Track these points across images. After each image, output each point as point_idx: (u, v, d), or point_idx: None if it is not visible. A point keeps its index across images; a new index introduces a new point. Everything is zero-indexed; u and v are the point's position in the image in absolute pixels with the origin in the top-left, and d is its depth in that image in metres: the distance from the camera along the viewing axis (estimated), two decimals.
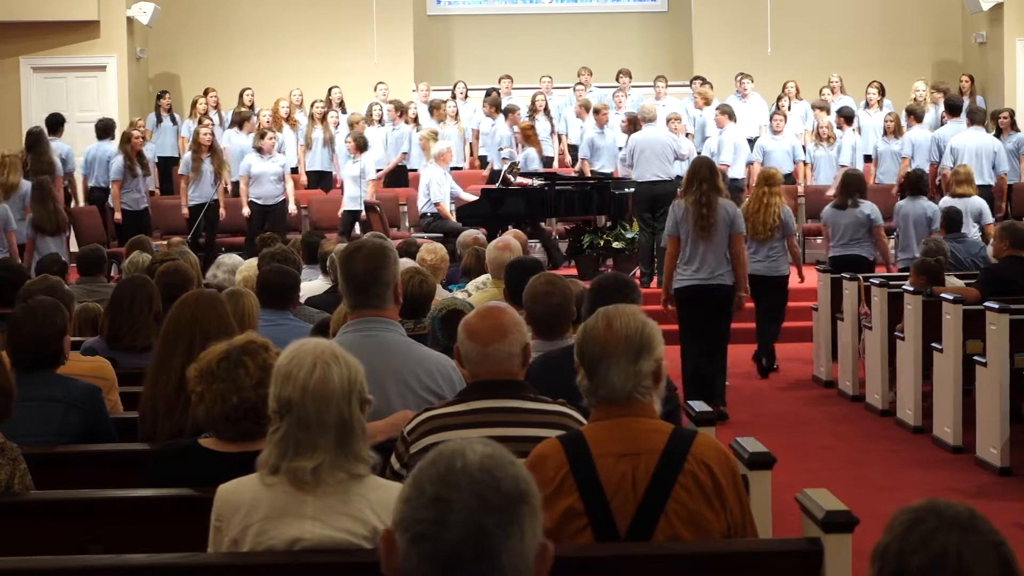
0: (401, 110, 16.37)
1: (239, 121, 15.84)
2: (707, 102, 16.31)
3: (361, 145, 14.80)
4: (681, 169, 13.37)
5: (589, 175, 15.11)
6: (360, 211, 14.67)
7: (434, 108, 16.46)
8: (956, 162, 13.70)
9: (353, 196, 14.72)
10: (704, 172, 9.00)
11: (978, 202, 12.19)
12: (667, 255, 9.18)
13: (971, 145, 14.14)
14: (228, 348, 3.60)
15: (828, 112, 16.19)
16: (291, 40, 18.11)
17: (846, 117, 15.71)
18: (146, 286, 5.91)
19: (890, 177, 15.42)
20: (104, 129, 15.21)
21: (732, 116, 15.15)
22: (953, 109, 15.16)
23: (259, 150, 14.69)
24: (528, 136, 15.23)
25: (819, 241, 14.29)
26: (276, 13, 18.25)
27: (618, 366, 3.18)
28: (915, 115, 15.35)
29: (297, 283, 6.60)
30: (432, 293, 5.84)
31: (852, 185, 11.25)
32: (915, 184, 12.04)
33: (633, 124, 14.15)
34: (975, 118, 14.58)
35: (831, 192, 14.51)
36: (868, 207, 11.21)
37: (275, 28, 18.20)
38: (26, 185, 13.25)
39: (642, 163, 13.03)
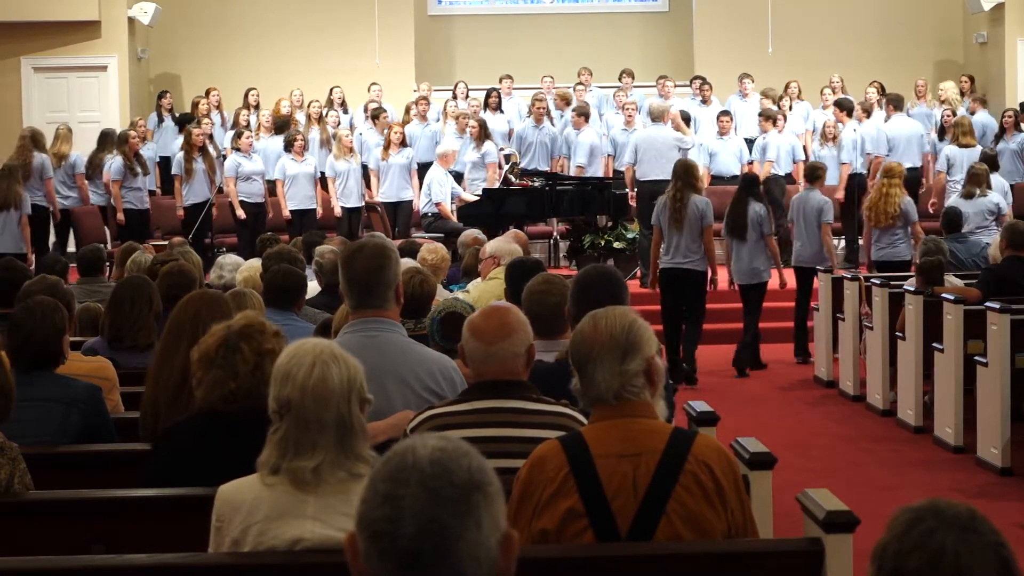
0: (566, 100, 16.27)
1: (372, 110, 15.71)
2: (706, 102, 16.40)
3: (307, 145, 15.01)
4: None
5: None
6: (314, 208, 14.75)
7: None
8: (892, 150, 14.57)
9: (308, 195, 14.83)
10: (680, 171, 10.50)
11: (972, 152, 13.57)
12: (652, 242, 10.80)
13: (904, 132, 14.92)
14: (226, 333, 3.65)
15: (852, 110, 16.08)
16: (292, 40, 18.10)
17: (847, 110, 15.50)
18: (146, 285, 5.91)
19: None
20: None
21: (588, 117, 15.55)
22: (849, 112, 15.40)
23: (238, 150, 14.79)
24: (392, 143, 15.16)
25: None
26: (277, 13, 18.25)
27: (604, 366, 3.16)
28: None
29: (304, 284, 6.60)
30: (433, 293, 5.84)
31: (980, 176, 12.04)
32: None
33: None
34: (898, 105, 15.19)
35: (839, 194, 14.64)
36: (997, 196, 11.93)
37: (276, 28, 18.19)
38: (74, 156, 14.74)
39: (645, 162, 13.08)
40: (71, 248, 14.04)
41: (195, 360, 3.66)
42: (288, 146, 14.99)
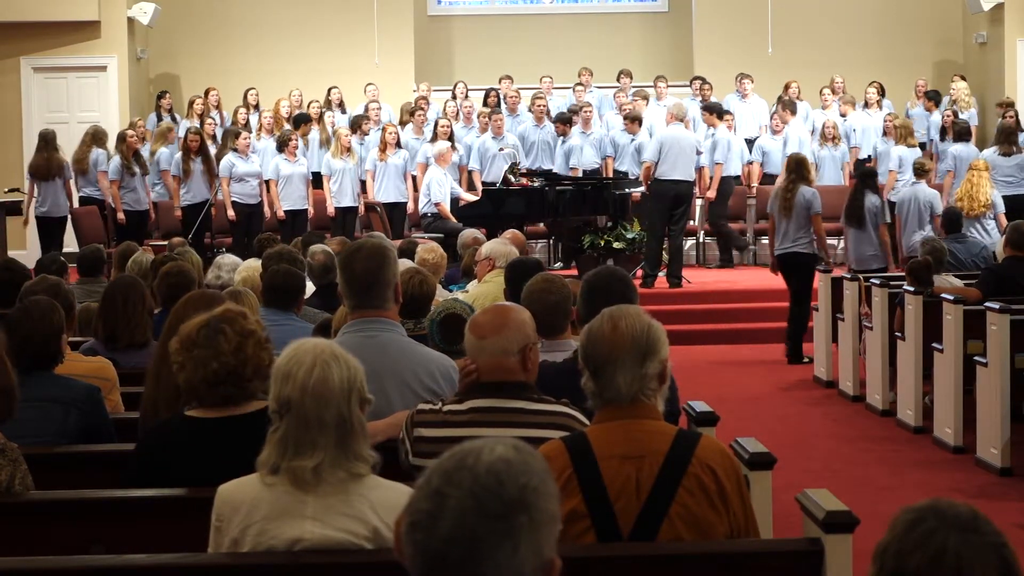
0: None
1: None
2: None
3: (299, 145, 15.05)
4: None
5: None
6: (306, 209, 14.77)
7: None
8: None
9: (301, 195, 14.89)
10: (793, 165, 11.47)
11: (917, 152, 14.53)
12: (768, 229, 11.86)
13: (796, 137, 15.85)
14: (207, 318, 3.68)
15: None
16: (291, 40, 18.10)
17: (717, 112, 15.64)
18: (137, 284, 5.92)
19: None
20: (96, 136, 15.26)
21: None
22: (720, 115, 15.73)
23: (235, 150, 14.80)
24: (388, 144, 15.16)
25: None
26: (276, 13, 18.24)
27: (625, 369, 3.16)
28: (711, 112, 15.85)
29: (303, 285, 6.57)
30: (432, 293, 5.82)
31: (1012, 132, 13.88)
32: None
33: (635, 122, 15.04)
34: (793, 110, 16.02)
35: (711, 193, 15.39)
36: None
37: (275, 28, 18.19)
38: (164, 153, 15.10)
39: (668, 161, 13.06)
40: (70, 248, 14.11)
41: (175, 347, 3.67)
42: (282, 146, 14.98)
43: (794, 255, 11.19)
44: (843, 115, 16.25)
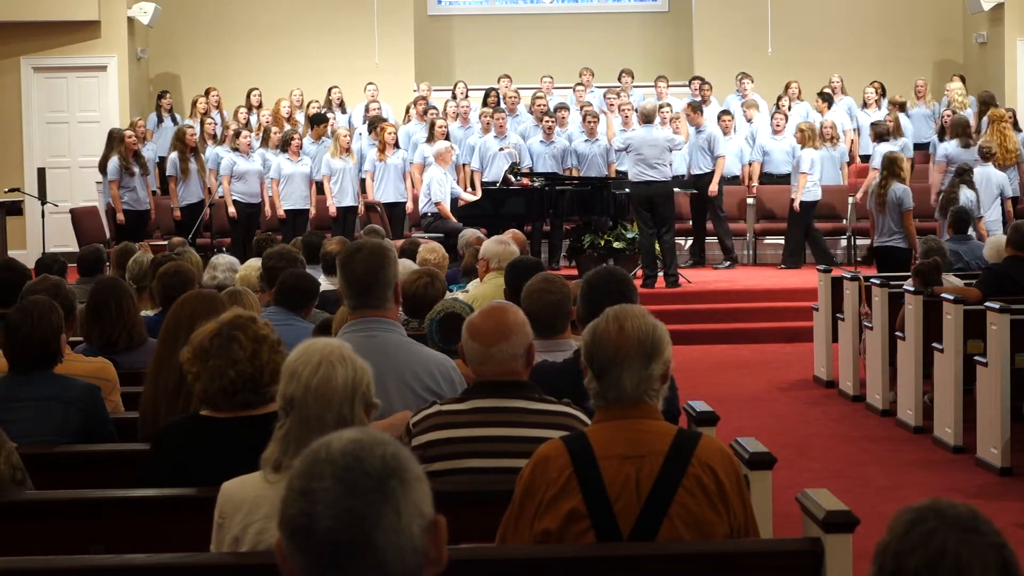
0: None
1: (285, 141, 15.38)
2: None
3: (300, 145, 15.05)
4: (678, 163, 14.63)
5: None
6: (308, 209, 14.79)
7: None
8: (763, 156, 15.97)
9: (303, 195, 14.91)
10: (886, 163, 11.83)
11: (823, 153, 15.28)
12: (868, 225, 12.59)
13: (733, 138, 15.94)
14: (218, 325, 3.65)
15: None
16: (292, 40, 18.10)
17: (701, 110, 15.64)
18: (121, 284, 5.94)
19: None
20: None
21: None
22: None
23: (236, 150, 14.79)
24: (387, 144, 15.17)
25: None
26: (277, 13, 18.24)
27: (631, 370, 3.16)
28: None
29: (317, 290, 6.54)
30: (440, 296, 5.81)
31: (967, 124, 14.60)
32: None
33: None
34: (701, 110, 15.91)
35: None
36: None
37: (276, 28, 18.19)
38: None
39: (639, 163, 13.02)
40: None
41: (188, 357, 3.64)
42: (284, 146, 14.98)
43: (888, 248, 11.64)
44: (749, 120, 16.23)
